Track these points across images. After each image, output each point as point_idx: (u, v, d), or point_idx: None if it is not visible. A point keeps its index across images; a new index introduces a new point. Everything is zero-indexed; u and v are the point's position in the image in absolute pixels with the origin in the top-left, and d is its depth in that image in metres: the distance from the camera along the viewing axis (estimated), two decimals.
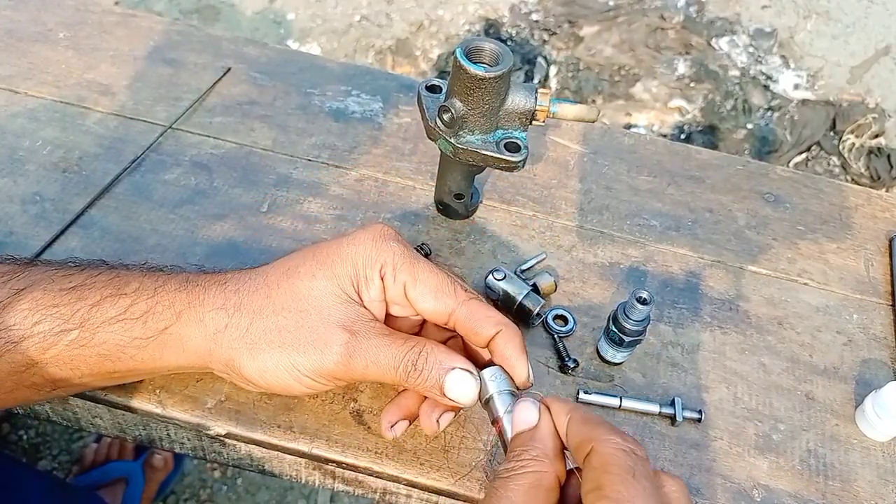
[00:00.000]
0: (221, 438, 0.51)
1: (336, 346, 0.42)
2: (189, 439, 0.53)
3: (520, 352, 0.43)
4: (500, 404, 0.42)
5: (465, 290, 0.45)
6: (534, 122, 0.55)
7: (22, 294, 0.43)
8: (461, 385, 0.41)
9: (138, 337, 0.43)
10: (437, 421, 0.45)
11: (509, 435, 0.40)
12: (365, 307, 0.44)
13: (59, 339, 0.42)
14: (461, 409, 0.46)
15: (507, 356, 0.43)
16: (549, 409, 0.40)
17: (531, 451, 0.38)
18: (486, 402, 0.43)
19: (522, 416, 0.40)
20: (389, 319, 0.47)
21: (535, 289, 0.59)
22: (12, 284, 0.43)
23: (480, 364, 0.44)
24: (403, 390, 0.48)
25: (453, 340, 0.48)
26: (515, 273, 0.59)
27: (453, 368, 0.42)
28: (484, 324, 0.43)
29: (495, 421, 0.42)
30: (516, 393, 0.42)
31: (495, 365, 0.43)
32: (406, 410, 0.47)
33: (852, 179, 1.89)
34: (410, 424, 0.47)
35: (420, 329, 0.49)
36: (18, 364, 0.42)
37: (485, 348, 0.45)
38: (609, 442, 0.36)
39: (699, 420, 0.54)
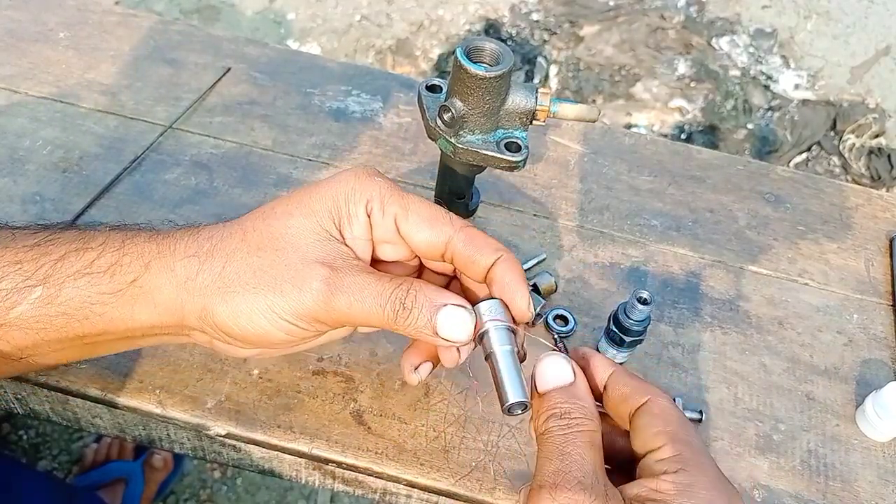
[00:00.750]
0: (221, 438, 0.50)
1: (315, 283, 0.38)
2: (189, 439, 0.53)
3: (520, 280, 0.40)
4: (496, 338, 0.39)
5: (461, 220, 0.42)
6: (534, 122, 0.55)
7: None
8: (454, 319, 0.38)
9: (105, 292, 0.40)
10: (459, 351, 0.42)
11: (503, 373, 0.38)
12: (347, 245, 0.41)
13: (23, 296, 0.39)
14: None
15: (508, 282, 0.39)
16: (587, 362, 0.40)
17: (575, 410, 0.36)
18: (480, 337, 0.39)
19: (555, 372, 0.38)
20: (380, 266, 0.44)
21: (536, 289, 0.59)
22: None
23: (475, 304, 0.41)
24: None
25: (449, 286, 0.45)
26: None
27: (445, 305, 0.38)
28: (484, 249, 0.40)
29: (488, 356, 0.39)
30: (513, 328, 0.40)
31: (492, 298, 0.40)
32: (427, 352, 0.43)
33: (853, 179, 1.89)
34: (434, 367, 0.44)
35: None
36: None
37: (483, 283, 0.42)
38: (663, 397, 0.37)
39: (700, 420, 0.54)
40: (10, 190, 0.61)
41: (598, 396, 0.40)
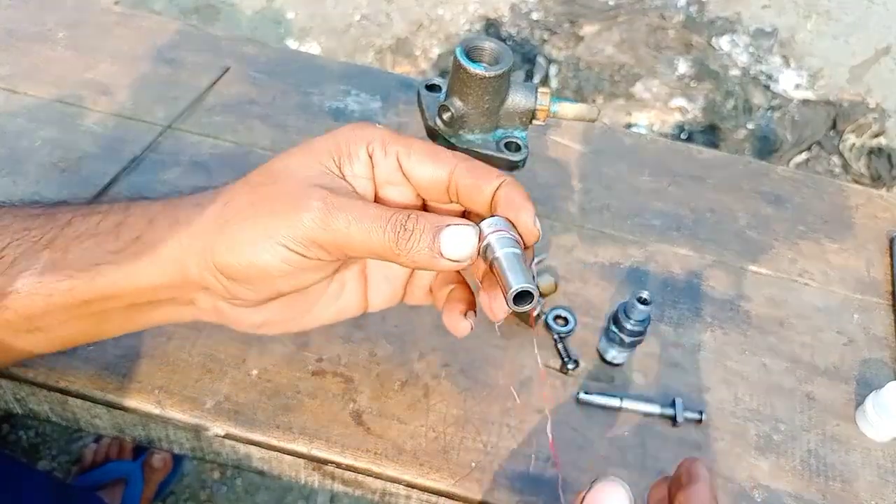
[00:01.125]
0: (220, 439, 0.50)
1: (314, 202, 0.37)
2: (188, 440, 0.53)
3: (526, 198, 0.39)
4: (499, 244, 0.37)
5: (462, 153, 0.41)
6: (534, 122, 0.55)
7: None
8: (458, 237, 0.37)
9: (110, 250, 0.40)
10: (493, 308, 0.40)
11: (506, 268, 0.36)
12: (347, 181, 0.40)
13: (30, 262, 0.39)
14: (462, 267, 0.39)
15: (513, 199, 0.38)
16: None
17: None
18: (483, 249, 0.38)
19: (614, 500, 0.35)
20: (383, 203, 0.43)
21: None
22: None
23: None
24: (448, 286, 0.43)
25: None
26: None
27: (448, 225, 0.37)
28: (487, 175, 0.39)
29: (492, 263, 0.37)
30: (518, 240, 0.38)
31: (495, 216, 0.39)
32: (466, 300, 0.42)
33: (853, 179, 1.88)
34: (475, 315, 0.42)
35: None
36: None
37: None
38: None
39: (700, 421, 0.53)
40: (10, 190, 0.61)
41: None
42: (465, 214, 0.42)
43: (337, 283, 0.45)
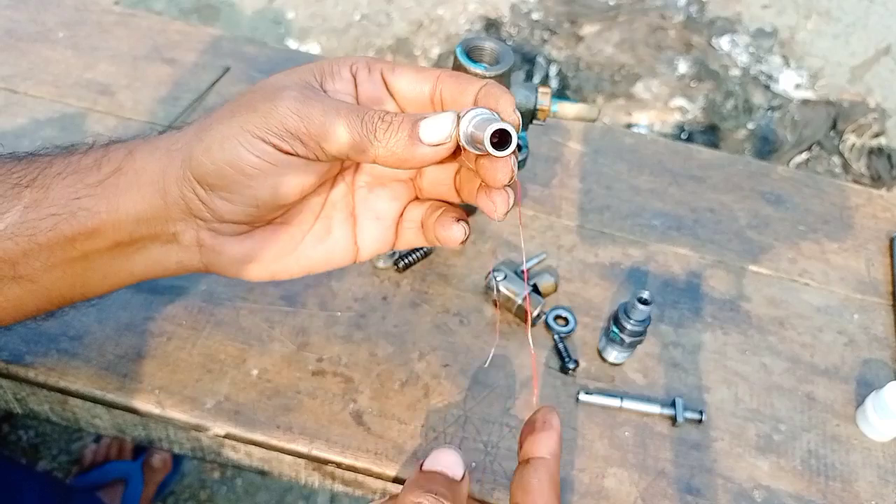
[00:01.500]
0: (221, 439, 0.50)
1: (290, 92, 0.37)
2: (188, 440, 0.53)
3: (504, 90, 0.38)
4: (476, 117, 0.36)
5: (446, 69, 0.41)
6: (534, 122, 0.55)
7: None
8: (437, 121, 0.36)
9: (91, 184, 0.40)
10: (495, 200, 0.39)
11: (487, 128, 0.34)
12: (327, 94, 0.40)
13: (12, 204, 0.39)
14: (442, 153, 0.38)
15: (493, 92, 0.38)
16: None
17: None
18: (465, 136, 0.36)
19: (449, 462, 0.40)
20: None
21: (536, 289, 0.59)
22: None
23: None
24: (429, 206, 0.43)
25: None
26: (516, 273, 0.59)
27: (425, 116, 0.37)
28: (471, 80, 0.39)
29: (472, 136, 0.36)
30: (494, 115, 0.36)
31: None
32: (456, 210, 0.42)
33: (853, 179, 1.88)
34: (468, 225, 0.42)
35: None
36: None
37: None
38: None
39: (700, 420, 0.53)
40: None
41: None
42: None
43: (323, 223, 0.44)
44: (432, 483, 0.38)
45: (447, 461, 0.40)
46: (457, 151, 0.38)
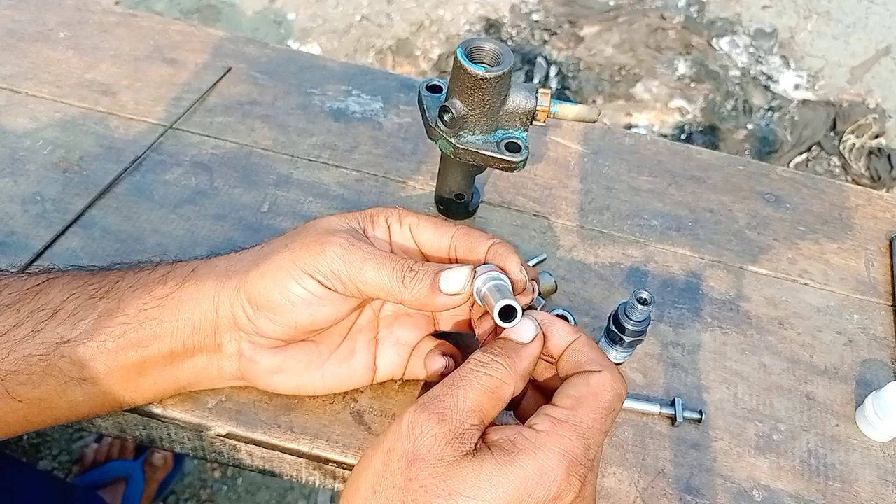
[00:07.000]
0: (222, 439, 0.51)
1: (338, 239, 0.44)
2: (189, 439, 0.53)
3: (512, 251, 0.45)
4: (487, 279, 0.43)
5: (462, 225, 0.49)
6: (534, 123, 0.55)
7: (53, 280, 0.45)
8: (455, 273, 0.43)
9: (158, 296, 0.45)
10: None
11: (494, 297, 0.42)
12: (369, 239, 0.47)
13: (88, 312, 0.44)
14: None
15: (501, 253, 0.45)
16: (550, 328, 0.43)
17: (505, 360, 0.40)
18: (476, 292, 0.44)
19: (519, 330, 0.42)
20: None
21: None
22: (44, 276, 0.46)
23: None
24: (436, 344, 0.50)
25: None
26: None
27: (447, 268, 0.44)
28: (481, 238, 0.46)
29: (483, 297, 0.43)
30: (505, 280, 0.44)
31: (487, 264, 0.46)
32: (448, 348, 0.49)
33: (853, 180, 1.89)
34: (452, 365, 0.48)
35: None
36: (48, 343, 0.43)
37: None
38: (610, 374, 0.40)
39: (699, 420, 0.54)
40: (11, 190, 0.61)
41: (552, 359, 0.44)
42: None
43: (348, 345, 0.49)
44: (493, 345, 0.42)
45: (516, 331, 0.42)
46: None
